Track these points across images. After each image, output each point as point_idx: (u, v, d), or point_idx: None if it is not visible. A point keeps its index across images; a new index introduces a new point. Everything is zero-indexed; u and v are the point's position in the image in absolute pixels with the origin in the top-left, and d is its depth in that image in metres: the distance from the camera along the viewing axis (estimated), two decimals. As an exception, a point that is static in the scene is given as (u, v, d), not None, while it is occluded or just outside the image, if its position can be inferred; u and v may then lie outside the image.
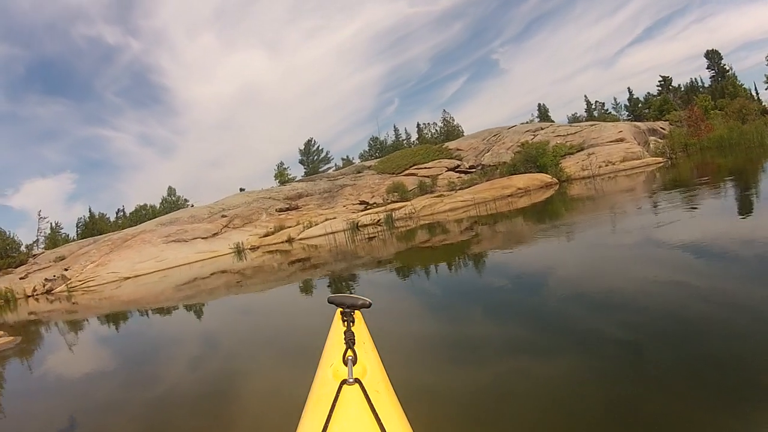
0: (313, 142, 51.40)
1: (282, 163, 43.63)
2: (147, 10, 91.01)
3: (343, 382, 1.13)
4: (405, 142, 51.22)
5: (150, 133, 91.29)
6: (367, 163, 38.46)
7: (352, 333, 1.38)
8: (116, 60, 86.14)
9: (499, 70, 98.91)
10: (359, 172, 34.89)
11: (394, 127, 73.09)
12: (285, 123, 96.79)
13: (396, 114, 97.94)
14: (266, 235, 25.59)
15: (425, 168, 31.04)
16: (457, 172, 30.05)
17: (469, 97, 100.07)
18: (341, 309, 1.61)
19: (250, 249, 23.74)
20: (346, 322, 1.49)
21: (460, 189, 24.81)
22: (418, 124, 54.11)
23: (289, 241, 23.08)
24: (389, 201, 26.38)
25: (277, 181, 40.86)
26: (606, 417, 2.49)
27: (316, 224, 24.50)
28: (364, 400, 1.06)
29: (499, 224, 12.82)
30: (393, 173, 31.98)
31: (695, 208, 8.19)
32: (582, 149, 26.59)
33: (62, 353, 7.91)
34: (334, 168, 47.79)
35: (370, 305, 1.59)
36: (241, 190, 38.35)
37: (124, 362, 6.42)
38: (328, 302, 1.68)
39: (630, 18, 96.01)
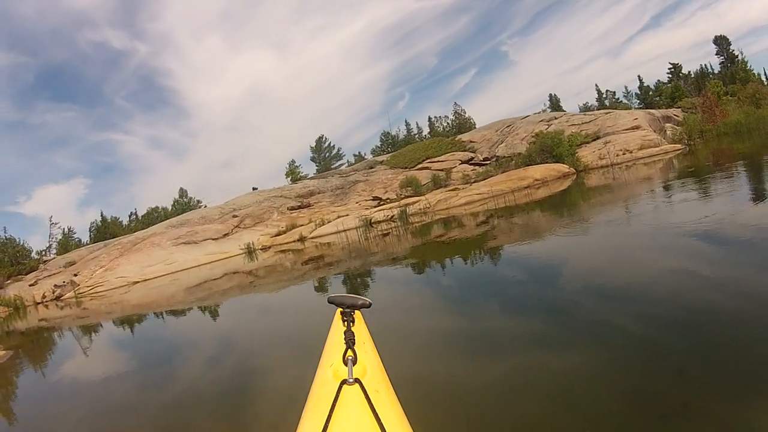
0: (324, 139, 51.28)
1: (293, 161, 43.67)
2: (152, 13, 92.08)
3: (343, 382, 1.13)
4: (417, 136, 50.78)
5: (160, 136, 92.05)
6: (380, 159, 38.13)
7: (352, 333, 1.38)
8: (124, 64, 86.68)
9: (508, 62, 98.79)
10: (371, 168, 34.60)
11: (406, 121, 73.20)
12: (294, 122, 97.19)
13: (407, 109, 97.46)
14: (278, 235, 25.49)
15: (438, 161, 30.74)
16: (471, 164, 29.65)
17: (479, 90, 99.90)
18: (341, 309, 1.61)
19: (261, 249, 23.65)
20: (346, 322, 1.49)
21: (475, 182, 24.44)
22: (430, 118, 53.56)
23: (301, 239, 22.94)
24: (403, 196, 26.11)
25: (289, 179, 40.72)
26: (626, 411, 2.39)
27: (329, 222, 24.33)
28: (364, 400, 1.05)
29: (516, 217, 12.52)
30: (406, 168, 31.66)
31: (721, 195, 7.81)
32: (598, 138, 26.06)
33: (53, 370, 7.38)
34: (346, 164, 47.54)
35: (370, 305, 1.59)
36: (254, 189, 38.21)
37: (126, 378, 5.71)
38: (328, 302, 1.67)
39: (637, 6, 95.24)
